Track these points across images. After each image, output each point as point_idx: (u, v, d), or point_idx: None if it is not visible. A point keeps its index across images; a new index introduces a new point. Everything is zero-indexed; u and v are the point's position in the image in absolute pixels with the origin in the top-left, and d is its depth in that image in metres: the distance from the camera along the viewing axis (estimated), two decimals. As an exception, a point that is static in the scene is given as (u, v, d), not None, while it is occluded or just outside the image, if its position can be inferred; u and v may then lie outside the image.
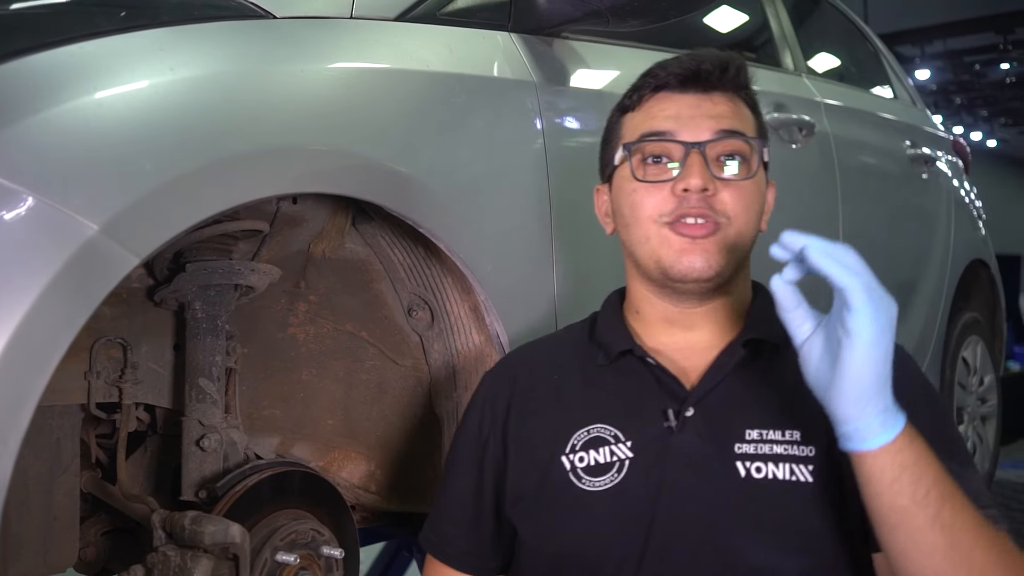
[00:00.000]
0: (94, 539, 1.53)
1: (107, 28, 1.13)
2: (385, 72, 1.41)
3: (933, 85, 11.61)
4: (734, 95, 1.21)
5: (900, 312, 2.80)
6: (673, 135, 1.17)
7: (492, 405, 1.27)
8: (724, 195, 1.15)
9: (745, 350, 1.18)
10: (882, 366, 0.92)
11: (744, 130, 1.19)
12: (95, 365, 1.39)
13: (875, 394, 0.93)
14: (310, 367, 1.68)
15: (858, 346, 0.91)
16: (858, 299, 0.90)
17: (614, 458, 1.15)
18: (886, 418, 0.94)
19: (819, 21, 3.28)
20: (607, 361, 1.22)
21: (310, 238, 1.56)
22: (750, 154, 1.19)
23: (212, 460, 1.40)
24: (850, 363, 0.92)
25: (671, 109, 1.19)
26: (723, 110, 1.19)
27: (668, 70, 1.20)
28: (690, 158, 1.15)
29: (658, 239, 1.17)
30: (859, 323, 0.90)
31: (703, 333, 1.22)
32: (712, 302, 1.21)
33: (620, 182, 1.23)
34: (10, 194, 0.96)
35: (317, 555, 1.39)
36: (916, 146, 3.14)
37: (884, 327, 0.91)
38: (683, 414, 1.15)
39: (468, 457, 1.27)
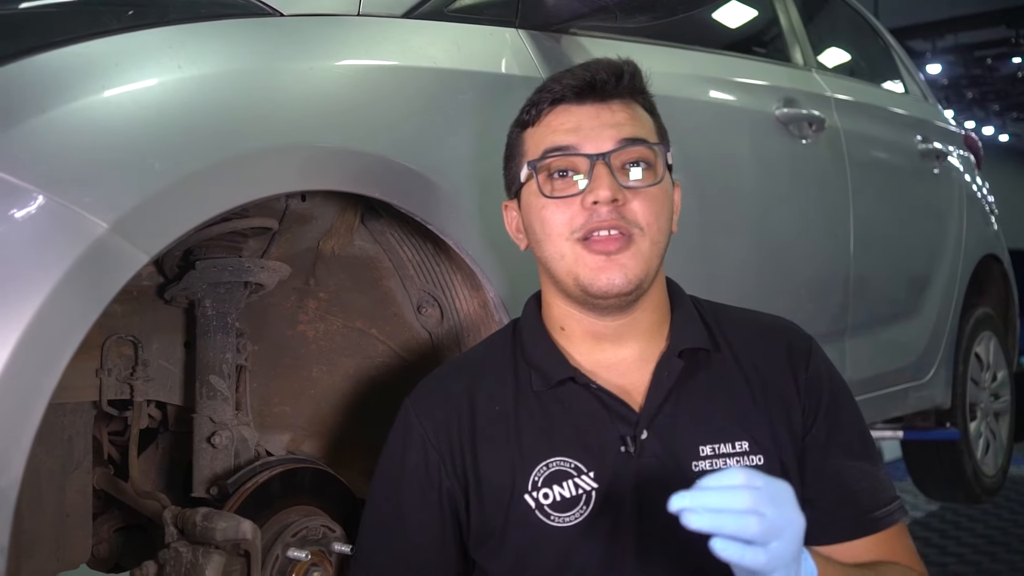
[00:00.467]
0: (107, 536, 1.54)
1: (115, 26, 1.13)
2: (393, 69, 1.41)
3: (944, 80, 11.56)
4: (631, 101, 1.20)
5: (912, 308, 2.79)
6: (576, 148, 1.16)
7: (436, 443, 1.19)
8: (634, 204, 1.14)
9: (681, 360, 1.19)
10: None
11: (645, 136, 1.18)
12: (106, 362, 1.40)
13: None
14: (320, 364, 1.68)
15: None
16: (764, 569, 0.89)
17: (579, 491, 1.14)
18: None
19: (829, 15, 3.26)
20: (545, 387, 1.19)
21: (319, 235, 1.56)
22: (654, 160, 1.17)
23: (223, 457, 1.41)
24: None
25: (571, 122, 1.17)
26: (622, 118, 1.17)
27: (563, 83, 1.18)
28: (596, 170, 1.13)
29: (572, 256, 1.15)
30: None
31: (633, 345, 1.20)
32: (635, 312, 1.19)
33: (528, 198, 1.20)
34: (20, 192, 0.97)
35: (328, 551, 1.40)
36: (927, 141, 3.13)
37: (786, 571, 0.91)
38: (639, 438, 1.15)
39: (420, 502, 1.20)
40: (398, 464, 1.21)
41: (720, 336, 1.23)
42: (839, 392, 1.23)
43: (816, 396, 1.20)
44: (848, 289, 2.55)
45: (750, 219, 2.15)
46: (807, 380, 1.21)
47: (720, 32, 2.54)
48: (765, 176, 2.23)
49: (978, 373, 3.50)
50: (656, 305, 1.21)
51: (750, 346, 1.23)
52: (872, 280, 2.68)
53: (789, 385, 1.20)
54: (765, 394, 1.19)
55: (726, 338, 1.23)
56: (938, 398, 3.16)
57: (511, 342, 1.26)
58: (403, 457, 1.21)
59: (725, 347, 1.22)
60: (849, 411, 1.23)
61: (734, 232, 2.07)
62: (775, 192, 2.27)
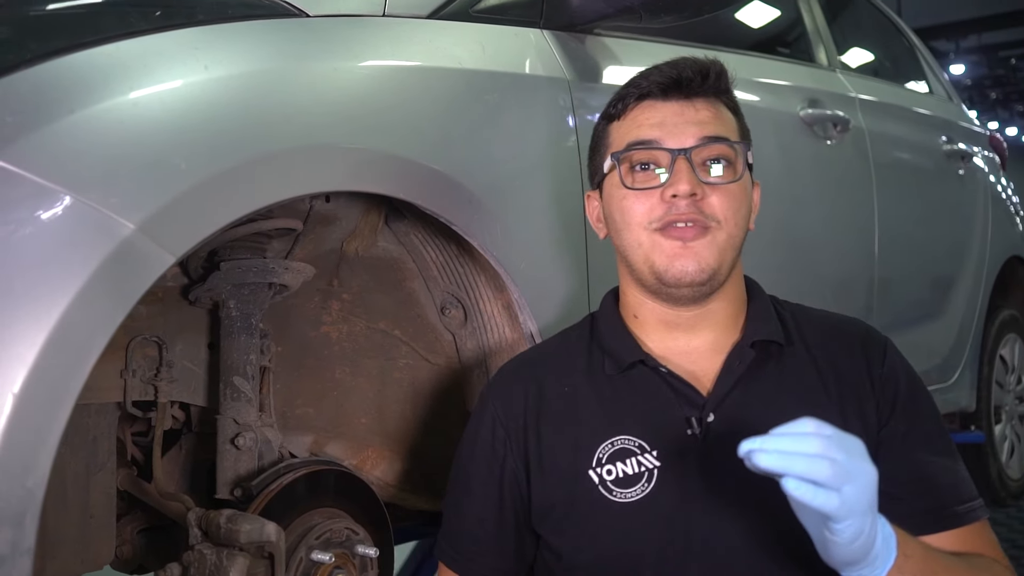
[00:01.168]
0: (130, 537, 1.54)
1: (142, 28, 1.13)
2: (418, 70, 1.41)
3: (968, 80, 11.48)
4: (716, 100, 1.24)
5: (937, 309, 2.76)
6: (659, 143, 1.20)
7: (504, 423, 1.26)
8: (712, 199, 1.18)
9: (753, 351, 1.21)
10: (865, 544, 0.93)
11: (727, 134, 1.21)
12: (131, 363, 1.40)
13: (862, 560, 0.95)
14: (343, 365, 1.68)
15: (841, 543, 0.92)
16: (836, 514, 0.89)
17: (642, 468, 1.17)
18: (874, 567, 0.97)
19: (853, 16, 3.24)
20: (617, 371, 1.23)
21: (343, 236, 1.56)
22: (734, 158, 1.21)
23: (247, 458, 1.41)
24: (836, 549, 0.94)
25: (656, 117, 1.21)
26: (705, 116, 1.21)
27: (650, 79, 1.22)
28: (677, 164, 1.17)
29: (650, 244, 1.19)
30: (840, 529, 0.91)
31: (705, 335, 1.23)
32: (709, 304, 1.22)
33: (610, 189, 1.25)
34: (48, 193, 0.97)
35: (352, 554, 1.39)
36: (952, 142, 3.10)
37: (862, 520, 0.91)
38: (704, 420, 1.17)
39: (485, 476, 1.26)
40: (471, 440, 1.29)
41: (795, 332, 1.24)
42: (916, 388, 1.22)
43: (892, 391, 1.19)
44: (872, 290, 2.53)
45: (775, 220, 2.13)
46: (882, 375, 1.20)
47: (744, 32, 2.52)
48: (790, 177, 2.21)
49: (1003, 376, 3.47)
50: (732, 298, 1.24)
51: (824, 342, 1.24)
52: (896, 281, 2.66)
53: (863, 379, 1.20)
54: (838, 386, 1.20)
55: (801, 334, 1.24)
56: (963, 401, 3.13)
57: (587, 331, 1.31)
58: (476, 434, 1.28)
59: (799, 342, 1.23)
60: (927, 407, 1.22)
61: (759, 233, 2.03)
62: (800, 193, 2.25)
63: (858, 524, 0.91)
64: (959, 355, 3.08)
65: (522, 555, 1.27)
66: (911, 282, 2.81)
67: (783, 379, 1.20)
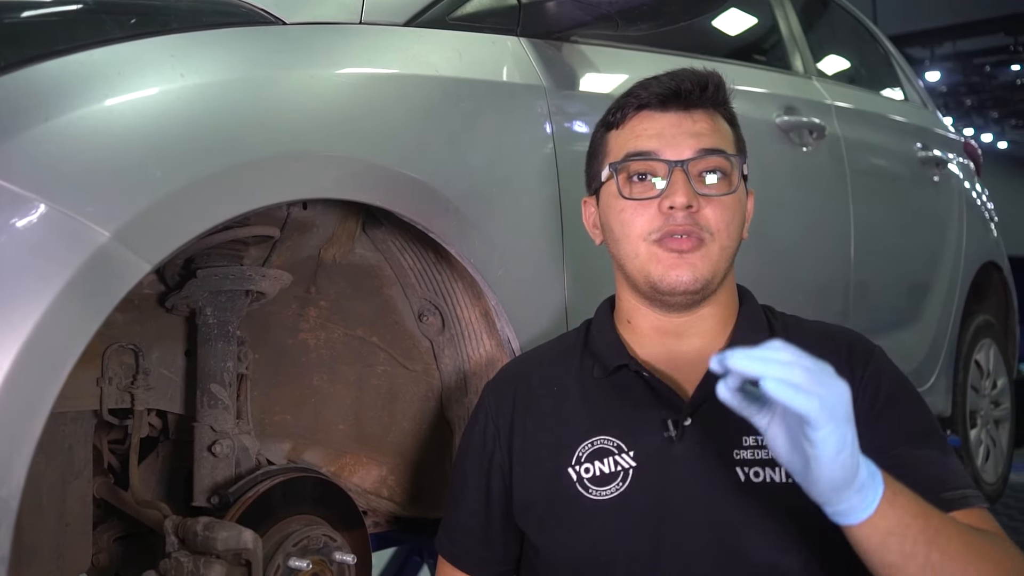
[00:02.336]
0: (107, 545, 1.53)
1: (117, 35, 1.13)
2: (394, 77, 1.41)
3: (943, 87, 11.59)
4: (714, 112, 1.26)
5: (912, 315, 2.79)
6: (657, 154, 1.22)
7: (495, 417, 1.31)
8: (707, 211, 1.20)
9: None
10: (850, 459, 0.91)
11: (724, 146, 1.24)
12: (107, 371, 1.39)
13: (848, 483, 0.92)
14: (321, 373, 1.68)
15: (824, 457, 0.90)
16: (816, 418, 0.87)
17: (618, 468, 1.20)
18: (863, 495, 0.94)
19: (829, 23, 3.27)
20: (604, 374, 1.26)
21: (320, 243, 1.56)
22: (730, 170, 1.24)
23: (224, 466, 1.40)
24: (819, 469, 0.91)
25: (654, 128, 1.24)
26: (703, 128, 1.23)
27: (650, 90, 1.24)
28: (674, 176, 1.20)
29: (647, 255, 1.22)
30: (821, 437, 0.88)
31: (693, 342, 1.26)
32: (699, 311, 1.25)
33: (608, 199, 1.27)
34: (22, 201, 0.97)
35: (329, 561, 1.39)
36: (927, 148, 3.13)
37: (843, 428, 0.89)
38: (682, 424, 1.19)
39: (475, 469, 1.32)
40: (468, 436, 1.35)
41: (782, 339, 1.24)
42: (900, 390, 1.22)
43: (872, 392, 1.19)
44: (848, 296, 2.55)
45: (751, 226, 2.14)
46: (864, 378, 1.20)
47: (721, 40, 2.54)
48: (766, 184, 2.21)
49: (978, 380, 3.50)
50: (722, 306, 1.27)
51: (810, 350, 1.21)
52: (872, 287, 2.69)
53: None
54: None
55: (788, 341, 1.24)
56: (938, 405, 3.16)
57: (582, 335, 1.35)
58: (471, 430, 1.34)
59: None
60: (913, 407, 1.21)
61: (735, 240, 2.07)
62: (776, 200, 2.26)
63: (839, 433, 0.88)
64: (935, 360, 3.10)
65: (510, 549, 1.31)
66: (887, 288, 2.83)
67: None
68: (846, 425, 0.89)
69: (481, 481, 1.31)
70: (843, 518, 0.95)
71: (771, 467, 1.15)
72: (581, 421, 1.24)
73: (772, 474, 1.15)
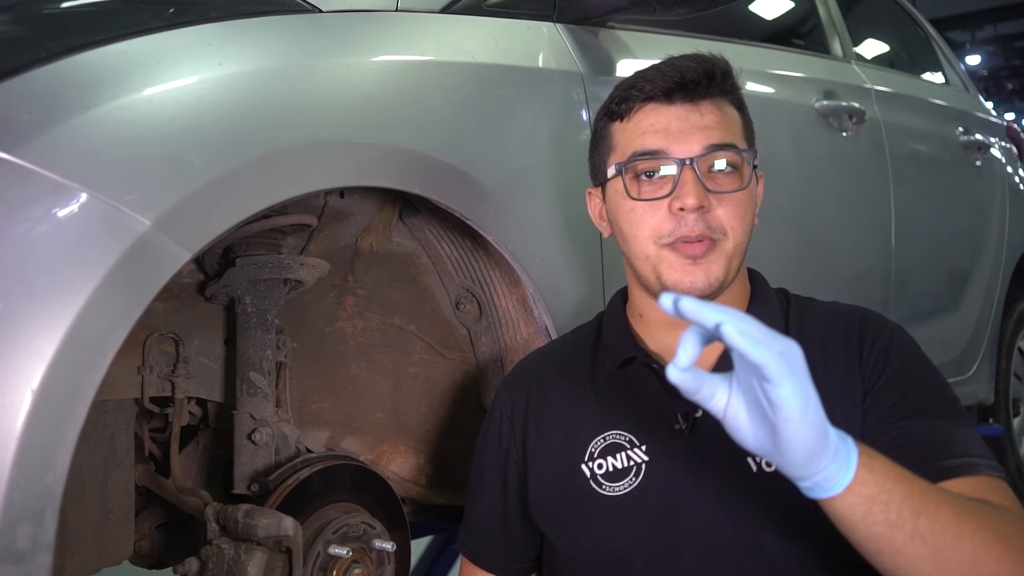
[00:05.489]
0: (149, 532, 1.55)
1: (156, 25, 1.14)
2: (431, 65, 1.41)
3: (984, 71, 11.40)
4: (722, 100, 1.21)
5: (954, 302, 2.75)
6: (665, 152, 1.17)
7: (510, 415, 1.31)
8: (719, 210, 1.16)
9: None
10: (817, 418, 0.84)
11: (734, 139, 1.19)
12: (148, 360, 1.40)
13: (821, 447, 0.86)
14: (358, 361, 1.68)
15: (791, 417, 0.82)
16: (776, 372, 0.80)
17: (631, 463, 1.19)
18: (839, 462, 0.87)
19: (868, 6, 3.22)
20: (614, 367, 1.25)
21: (357, 232, 1.56)
22: (741, 164, 1.19)
23: (264, 454, 1.41)
24: (788, 434, 0.83)
25: (660, 123, 1.18)
26: (711, 120, 1.18)
27: (654, 82, 1.18)
28: (683, 175, 1.15)
29: (657, 258, 1.18)
30: (784, 394, 0.81)
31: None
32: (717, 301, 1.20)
33: (615, 197, 1.23)
34: (64, 190, 0.97)
35: (369, 548, 1.40)
36: (969, 132, 3.08)
37: (804, 384, 0.82)
38: (692, 416, 1.17)
39: (492, 466, 1.32)
40: (484, 433, 1.35)
41: (795, 324, 1.23)
42: (909, 363, 1.16)
43: (880, 366, 1.15)
44: (889, 283, 2.52)
45: (790, 213, 2.12)
46: (871, 354, 1.16)
47: (758, 24, 2.51)
48: (805, 170, 2.20)
49: (1021, 368, 3.45)
50: (735, 295, 1.23)
51: (822, 332, 1.21)
52: (913, 274, 2.65)
53: (853, 362, 1.17)
54: (826, 375, 1.13)
55: (801, 326, 1.22)
56: (981, 394, 3.11)
57: (595, 329, 1.33)
58: (488, 427, 1.34)
59: (797, 334, 1.19)
60: (924, 379, 1.15)
61: (774, 226, 2.04)
62: (815, 186, 2.24)
63: (802, 388, 0.81)
64: (977, 348, 3.06)
65: (529, 545, 1.31)
66: (928, 275, 2.79)
67: None
68: (807, 382, 0.82)
69: (498, 479, 1.30)
70: (824, 491, 0.89)
71: None
72: (593, 416, 1.24)
73: None
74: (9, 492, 0.91)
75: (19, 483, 0.92)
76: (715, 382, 0.86)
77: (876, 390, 1.14)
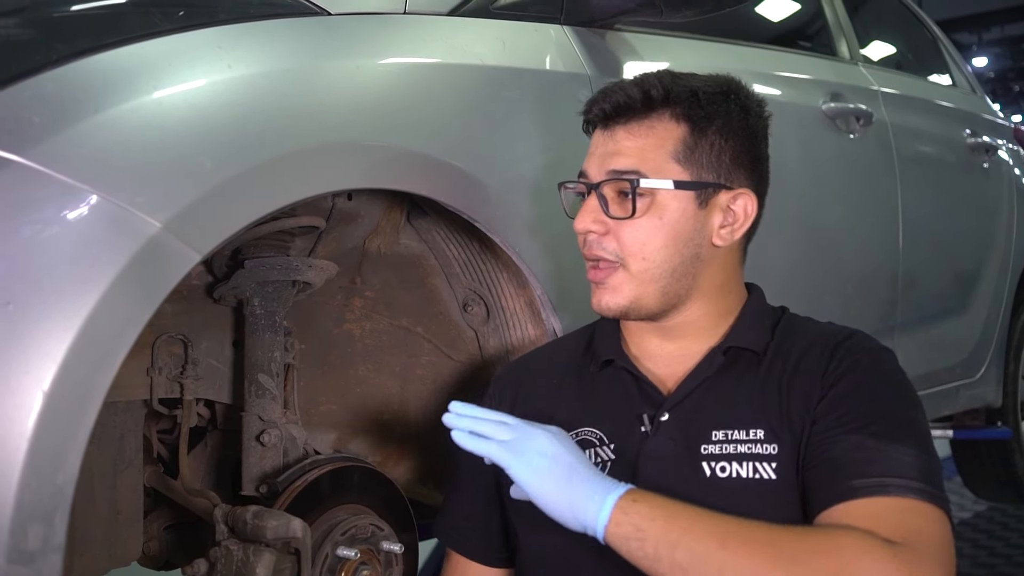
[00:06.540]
0: (157, 533, 1.55)
1: (166, 27, 1.14)
2: (439, 67, 1.41)
3: (991, 72, 11.39)
4: (650, 122, 1.20)
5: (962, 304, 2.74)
6: (585, 175, 1.24)
7: (497, 406, 1.30)
8: (619, 233, 1.19)
9: (724, 357, 1.21)
10: (557, 488, 1.06)
11: (640, 166, 1.18)
12: (157, 361, 1.41)
13: (570, 507, 1.06)
14: (366, 363, 1.68)
15: (525, 484, 1.08)
16: (500, 458, 1.09)
17: (598, 460, 1.21)
18: (587, 516, 1.05)
19: (874, 8, 3.22)
20: (597, 368, 1.28)
21: (365, 234, 1.56)
22: (631, 191, 1.18)
23: (272, 455, 1.41)
24: (534, 495, 1.08)
25: (591, 147, 1.25)
26: (622, 147, 1.20)
27: (592, 111, 1.24)
28: (587, 200, 1.22)
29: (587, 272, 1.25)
30: (513, 473, 1.09)
31: (685, 342, 1.25)
32: (678, 316, 1.23)
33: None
34: (75, 192, 0.98)
35: (377, 550, 1.40)
36: (976, 134, 3.07)
37: (534, 460, 1.08)
38: (658, 419, 1.20)
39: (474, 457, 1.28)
40: None
41: (782, 343, 1.22)
42: (870, 379, 1.15)
43: (837, 379, 1.14)
44: (897, 285, 2.51)
45: (797, 215, 2.12)
46: (836, 367, 1.15)
47: (765, 26, 2.51)
48: (812, 172, 2.20)
49: (1029, 371, 3.43)
50: (703, 311, 1.23)
51: (802, 353, 1.20)
52: (921, 276, 2.64)
53: (817, 374, 1.16)
54: (791, 390, 1.16)
55: (785, 345, 1.22)
56: (989, 396, 3.11)
57: (590, 331, 1.35)
58: None
59: (778, 353, 1.21)
60: (876, 398, 1.13)
61: (781, 228, 2.04)
62: (822, 188, 2.24)
63: (529, 464, 1.07)
64: (985, 350, 3.05)
65: (507, 538, 1.33)
66: (936, 277, 2.78)
67: (745, 386, 1.19)
68: (539, 457, 1.07)
69: (478, 468, 1.28)
70: (593, 532, 1.05)
71: (737, 462, 1.13)
72: (572, 412, 1.26)
73: (739, 469, 1.13)
74: (20, 493, 0.92)
75: (30, 484, 0.92)
76: (493, 450, 1.10)
77: (827, 400, 1.14)
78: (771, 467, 1.12)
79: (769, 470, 1.12)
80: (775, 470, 1.12)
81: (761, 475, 1.12)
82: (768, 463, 1.13)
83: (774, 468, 1.12)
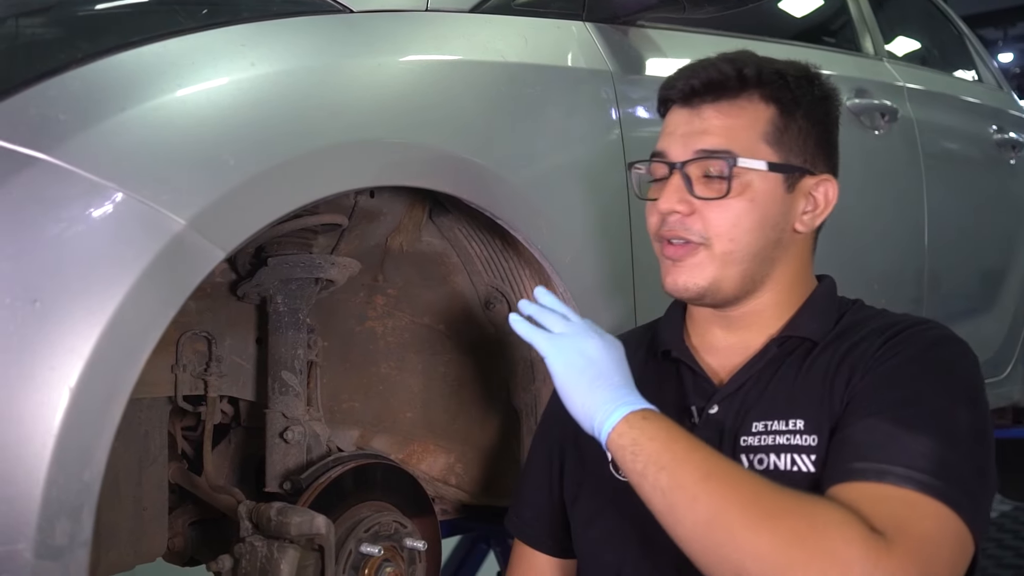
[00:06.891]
0: (182, 529, 1.56)
1: (189, 26, 1.15)
2: (461, 64, 1.41)
3: (1017, 68, 11.27)
4: (737, 102, 1.18)
5: (988, 302, 2.69)
6: (664, 155, 1.20)
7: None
8: (707, 214, 1.16)
9: (777, 348, 1.19)
10: (583, 388, 1.09)
11: (732, 145, 1.15)
12: (181, 358, 1.41)
13: (585, 408, 1.08)
14: (389, 360, 1.69)
15: (557, 382, 1.11)
16: (542, 347, 1.12)
17: None
18: (602, 420, 1.06)
19: (899, 3, 3.19)
20: (657, 358, 1.29)
21: (388, 231, 1.56)
22: (726, 171, 1.15)
23: (296, 452, 1.42)
24: (560, 387, 1.11)
25: (670, 127, 1.22)
26: (710, 125, 1.17)
27: (675, 87, 1.21)
28: (671, 179, 1.17)
29: (658, 254, 1.22)
30: (548, 363, 1.12)
31: (748, 333, 1.22)
32: (743, 307, 1.21)
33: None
34: (100, 190, 0.98)
35: (400, 547, 1.40)
36: (1003, 130, 3.04)
37: (569, 356, 1.11)
38: (707, 412, 1.19)
39: (540, 447, 1.36)
40: (542, 415, 1.43)
41: (840, 333, 1.18)
42: (912, 366, 1.09)
43: (878, 361, 1.10)
44: (922, 283, 2.49)
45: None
46: (879, 357, 1.11)
47: (788, 22, 2.50)
48: (836, 168, 2.18)
49: (1057, 370, 3.40)
50: (773, 302, 1.21)
51: (858, 341, 1.16)
52: (947, 274, 2.62)
53: (859, 364, 1.12)
54: (836, 378, 1.13)
55: (845, 336, 1.17)
56: (1015, 395, 3.07)
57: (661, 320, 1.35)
58: (547, 407, 1.42)
59: (837, 343, 1.16)
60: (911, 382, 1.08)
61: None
62: (847, 185, 2.19)
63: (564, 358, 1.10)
64: (1011, 349, 3.02)
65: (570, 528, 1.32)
66: (962, 274, 2.75)
67: (799, 377, 1.15)
68: (578, 356, 1.10)
69: (544, 459, 1.35)
70: (597, 433, 1.07)
71: (775, 454, 1.11)
72: None
73: (776, 461, 1.11)
74: (48, 489, 0.92)
75: (58, 480, 0.93)
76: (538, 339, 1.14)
77: (863, 382, 1.10)
78: (810, 459, 1.09)
79: (808, 462, 1.09)
80: (814, 462, 1.08)
81: (800, 467, 1.09)
82: (807, 455, 1.09)
83: (812, 460, 1.09)
